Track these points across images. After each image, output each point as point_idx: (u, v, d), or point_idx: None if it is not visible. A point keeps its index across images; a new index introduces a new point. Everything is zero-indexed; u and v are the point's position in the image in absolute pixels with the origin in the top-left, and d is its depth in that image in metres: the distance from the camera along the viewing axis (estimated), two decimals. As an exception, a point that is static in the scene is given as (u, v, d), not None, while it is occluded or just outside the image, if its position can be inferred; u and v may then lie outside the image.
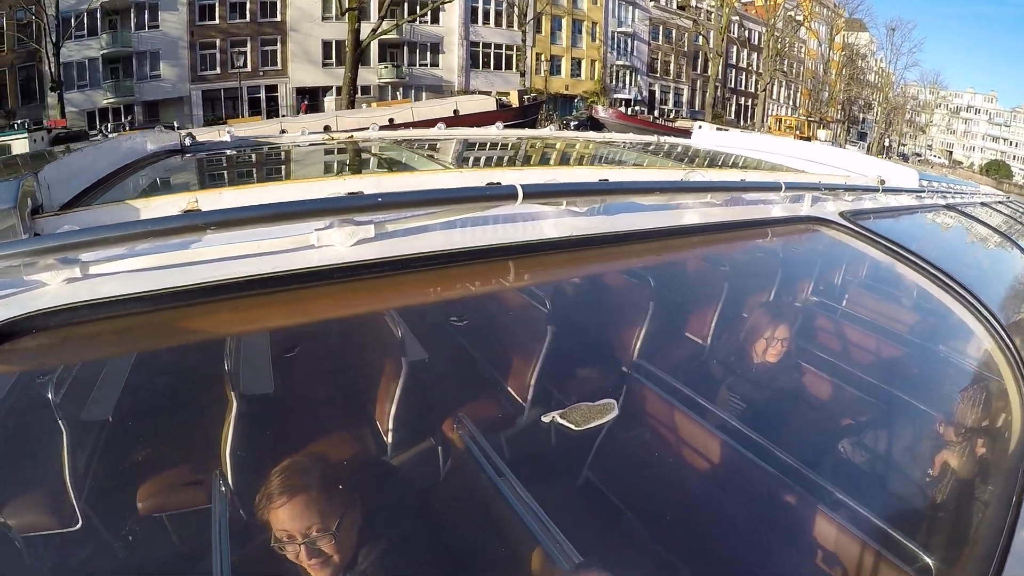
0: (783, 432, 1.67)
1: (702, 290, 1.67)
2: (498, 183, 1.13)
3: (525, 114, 27.02)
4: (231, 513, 1.18)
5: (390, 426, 1.31)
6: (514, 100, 28.56)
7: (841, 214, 1.58)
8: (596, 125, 28.94)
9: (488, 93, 30.23)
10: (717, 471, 1.54)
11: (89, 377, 1.21)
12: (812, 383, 1.71)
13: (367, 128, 3.27)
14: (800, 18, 47.42)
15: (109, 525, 1.24)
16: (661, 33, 44.36)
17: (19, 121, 26.70)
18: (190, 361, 1.21)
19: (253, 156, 2.35)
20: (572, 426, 1.22)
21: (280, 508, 1.06)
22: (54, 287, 0.95)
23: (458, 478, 1.33)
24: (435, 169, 1.89)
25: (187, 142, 2.33)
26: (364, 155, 2.59)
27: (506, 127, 3.56)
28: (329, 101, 30.69)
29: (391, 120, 18.17)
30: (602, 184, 1.18)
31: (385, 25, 28.57)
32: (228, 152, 2.40)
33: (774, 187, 1.41)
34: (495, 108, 24.80)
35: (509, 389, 1.48)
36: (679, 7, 44.94)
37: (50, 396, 1.19)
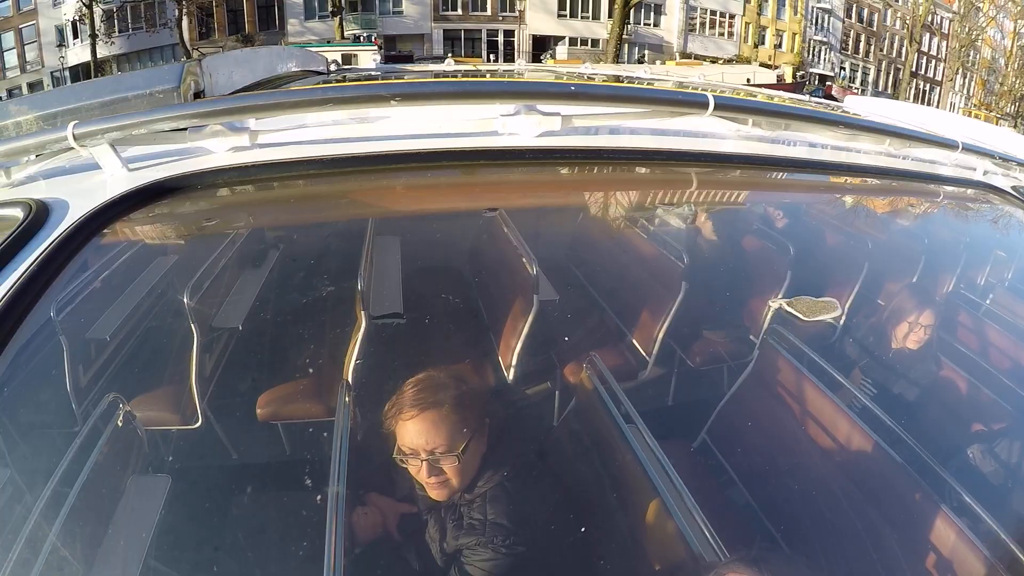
0: (916, 423, 1.53)
1: (857, 249, 1.54)
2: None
3: (795, 89, 28.71)
4: (354, 420, 1.15)
5: (520, 352, 1.25)
6: (788, 76, 31.17)
7: (1014, 188, 1.44)
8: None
9: (705, 58, 33.10)
10: (841, 452, 1.43)
11: (242, 246, 1.19)
12: (958, 376, 1.57)
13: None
14: (981, 6, 45.71)
15: (227, 423, 1.23)
16: (854, 11, 44.54)
17: (365, 34, 29.67)
18: (337, 256, 1.17)
19: (405, 78, 2.33)
20: (800, 315, 1.14)
21: (409, 420, 1.03)
22: (221, 154, 0.93)
23: (584, 418, 1.27)
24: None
25: (332, 68, 2.35)
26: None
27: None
28: (561, 50, 33.14)
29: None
30: (790, 108, 1.10)
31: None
32: (375, 74, 2.39)
33: (951, 144, 1.28)
34: (776, 82, 27.21)
35: (645, 328, 1.40)
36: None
37: (198, 261, 1.18)
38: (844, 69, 44.53)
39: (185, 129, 0.87)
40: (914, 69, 46.34)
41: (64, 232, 0.83)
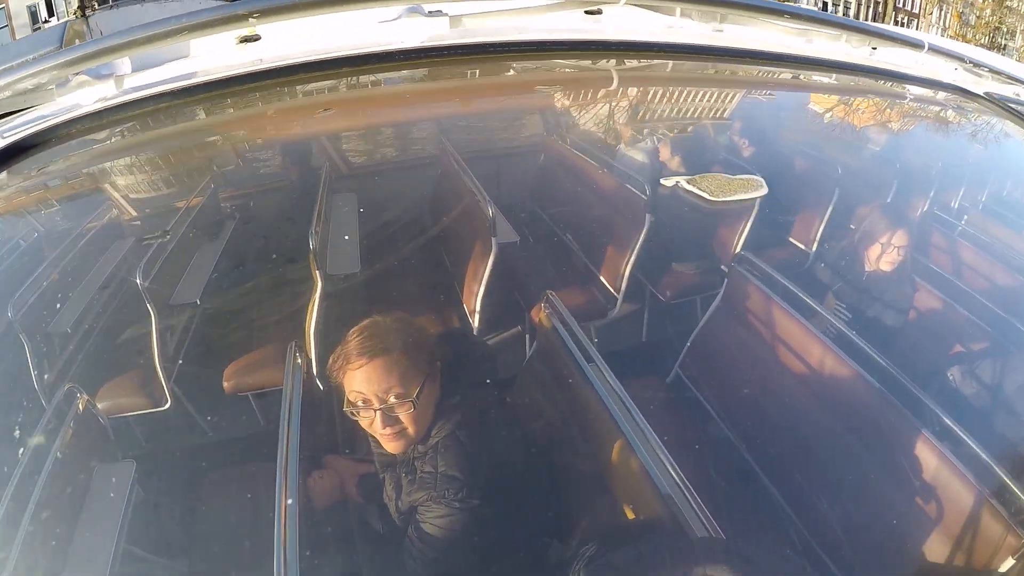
0: (893, 346, 1.49)
1: (822, 162, 1.46)
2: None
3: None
4: (306, 381, 1.09)
5: (477, 292, 1.18)
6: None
7: (987, 93, 1.36)
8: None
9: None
10: (816, 378, 1.39)
11: (113, 198, 1.08)
12: (933, 297, 1.52)
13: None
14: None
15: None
16: (836, -58, 44.56)
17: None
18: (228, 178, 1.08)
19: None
20: (706, 194, 1.04)
21: (358, 369, 0.96)
22: (90, 105, 0.83)
23: (544, 359, 1.21)
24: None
25: None
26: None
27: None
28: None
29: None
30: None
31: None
32: None
33: (916, 43, 1.19)
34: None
35: (611, 262, 1.33)
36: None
37: (67, 221, 1.08)
38: (827, 2, 44.27)
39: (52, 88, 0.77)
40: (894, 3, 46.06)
41: None
